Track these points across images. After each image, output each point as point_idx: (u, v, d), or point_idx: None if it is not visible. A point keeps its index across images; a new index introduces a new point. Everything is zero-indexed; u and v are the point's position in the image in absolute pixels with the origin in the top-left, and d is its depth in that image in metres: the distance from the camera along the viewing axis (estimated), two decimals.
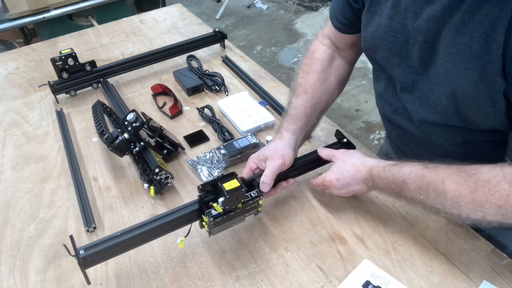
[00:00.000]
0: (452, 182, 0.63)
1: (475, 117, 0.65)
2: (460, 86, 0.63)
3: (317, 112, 0.88)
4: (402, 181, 0.69)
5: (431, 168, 0.66)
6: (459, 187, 0.62)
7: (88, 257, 0.64)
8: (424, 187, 0.66)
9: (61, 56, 1.14)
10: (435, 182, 0.65)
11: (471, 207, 0.61)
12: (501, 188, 0.59)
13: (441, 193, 0.64)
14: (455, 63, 0.62)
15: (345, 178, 0.76)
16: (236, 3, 4.13)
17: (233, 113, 1.09)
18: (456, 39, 0.61)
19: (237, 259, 0.75)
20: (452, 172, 0.64)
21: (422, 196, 0.67)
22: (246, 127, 1.04)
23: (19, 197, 0.92)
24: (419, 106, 0.72)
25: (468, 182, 0.62)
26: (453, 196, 0.63)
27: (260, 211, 0.79)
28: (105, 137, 0.89)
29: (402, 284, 0.69)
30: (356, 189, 0.77)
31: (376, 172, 0.73)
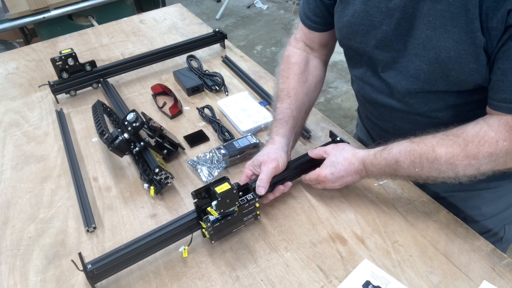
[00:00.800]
0: (442, 147, 0.68)
1: (460, 76, 0.68)
2: (443, 49, 0.67)
3: (302, 113, 0.90)
4: (395, 162, 0.72)
5: (418, 141, 0.71)
6: (450, 149, 0.67)
7: (95, 270, 0.68)
8: (417, 160, 0.70)
9: (61, 56, 1.14)
10: (426, 152, 0.69)
11: (466, 163, 0.66)
12: (489, 136, 0.64)
13: (434, 160, 0.68)
14: (435, 29, 0.67)
15: (339, 171, 0.79)
16: (236, 3, 4.13)
17: (233, 113, 1.09)
18: (434, 7, 0.66)
19: (237, 259, 0.75)
20: (439, 138, 0.69)
21: (417, 169, 0.70)
22: (246, 127, 1.04)
23: (19, 197, 0.92)
24: (402, 79, 0.76)
25: (457, 142, 0.67)
26: (446, 159, 0.67)
27: (259, 215, 0.80)
28: (105, 137, 0.89)
29: (402, 284, 0.69)
30: (349, 180, 0.80)
31: (369, 161, 0.76)
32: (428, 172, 0.70)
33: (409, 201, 0.83)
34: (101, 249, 0.79)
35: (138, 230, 0.82)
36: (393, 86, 0.78)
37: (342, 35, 0.83)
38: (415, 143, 0.71)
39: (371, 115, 0.95)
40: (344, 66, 3.08)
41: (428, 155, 0.69)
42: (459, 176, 0.68)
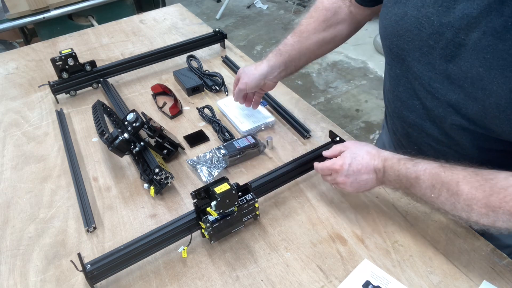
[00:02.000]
0: (467, 185, 0.62)
1: (502, 127, 0.62)
2: (493, 93, 0.60)
3: (303, 59, 0.94)
4: (415, 177, 0.67)
5: (447, 168, 0.65)
6: (473, 191, 0.61)
7: (94, 271, 0.68)
8: (437, 186, 0.65)
9: (61, 56, 1.14)
10: (449, 183, 0.63)
11: (483, 212, 0.60)
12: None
13: (454, 194, 0.63)
14: (491, 69, 0.59)
15: (357, 164, 0.74)
16: (236, 3, 4.13)
17: (233, 113, 1.09)
18: (494, 44, 0.58)
19: (237, 259, 0.75)
20: (468, 174, 0.63)
21: (433, 195, 0.65)
22: (246, 127, 1.04)
23: (19, 197, 0.92)
24: (439, 106, 0.70)
25: (483, 187, 0.61)
26: (466, 199, 0.62)
27: (258, 215, 0.80)
28: (105, 137, 0.89)
29: (402, 284, 0.69)
30: (364, 179, 0.74)
31: (390, 163, 0.71)
32: (443, 203, 0.65)
33: (409, 201, 0.83)
34: (101, 249, 0.79)
35: (138, 230, 0.82)
36: (430, 109, 0.72)
37: (386, 34, 0.76)
38: (444, 168, 0.65)
39: (397, 131, 0.88)
40: (344, 66, 3.08)
41: (450, 187, 0.63)
42: (471, 221, 0.63)
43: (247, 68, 0.99)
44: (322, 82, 2.95)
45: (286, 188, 0.88)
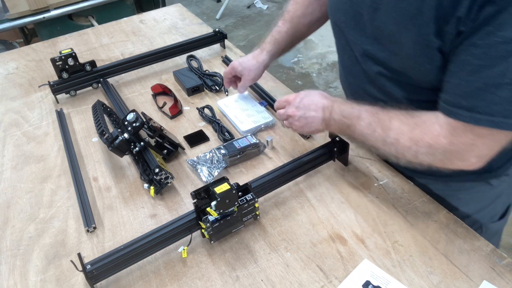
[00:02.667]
0: (397, 121, 0.70)
1: (416, 74, 0.70)
2: (404, 46, 0.68)
3: (296, 41, 1.04)
4: (357, 116, 0.75)
5: (385, 109, 0.73)
6: (401, 125, 0.69)
7: (94, 271, 0.68)
8: (373, 123, 0.72)
9: (61, 56, 1.14)
10: (384, 120, 0.71)
11: (408, 145, 0.68)
12: (434, 128, 0.66)
13: (386, 129, 0.71)
14: (398, 26, 0.68)
15: (309, 100, 0.82)
16: (236, 3, 4.13)
17: (233, 113, 1.09)
18: (398, 4, 0.66)
19: (237, 259, 0.75)
20: (400, 113, 0.71)
21: (369, 132, 0.73)
22: (246, 127, 1.04)
23: (19, 197, 0.92)
24: (373, 65, 0.78)
25: (409, 122, 0.69)
26: (395, 133, 0.69)
27: (258, 215, 0.80)
28: (105, 137, 0.89)
29: (402, 284, 0.69)
30: (311, 116, 0.81)
31: (337, 104, 0.79)
32: (376, 139, 0.72)
33: (409, 201, 0.83)
34: (101, 249, 0.79)
35: (138, 230, 0.82)
36: (366, 70, 0.80)
37: (331, 11, 0.85)
38: (382, 109, 0.73)
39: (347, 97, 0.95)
40: None
41: (384, 123, 0.71)
42: (399, 155, 0.70)
43: (244, 61, 1.03)
44: (322, 82, 2.95)
45: (286, 188, 0.88)
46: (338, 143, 0.89)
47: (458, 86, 0.62)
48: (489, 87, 0.59)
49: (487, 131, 0.61)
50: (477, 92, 0.60)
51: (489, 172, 0.83)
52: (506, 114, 0.59)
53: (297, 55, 3.26)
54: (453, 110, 0.63)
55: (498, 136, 0.62)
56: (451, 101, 0.64)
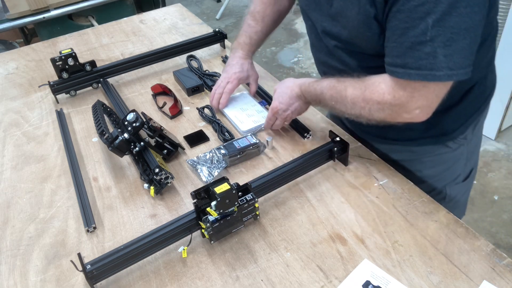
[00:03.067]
0: (351, 88, 0.81)
1: (363, 43, 0.81)
2: (350, 19, 0.79)
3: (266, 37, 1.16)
4: (320, 93, 0.87)
5: (341, 80, 0.83)
6: (355, 91, 0.80)
7: (94, 271, 0.68)
8: (334, 95, 0.84)
9: (61, 56, 1.14)
10: (341, 90, 0.82)
11: (362, 105, 0.79)
12: (380, 88, 0.76)
13: (344, 98, 0.81)
14: (345, 2, 0.78)
15: (285, 99, 0.94)
16: (236, 3, 4.13)
17: (233, 113, 1.09)
18: None
19: (237, 259, 0.75)
20: (353, 81, 0.81)
21: (333, 102, 0.84)
22: (246, 127, 1.04)
23: (19, 197, 0.92)
24: (331, 39, 0.89)
25: (360, 86, 0.79)
26: (351, 99, 0.80)
27: (258, 215, 0.80)
28: (105, 137, 0.89)
29: (402, 284, 0.69)
30: (297, 105, 0.94)
31: (304, 88, 0.91)
32: (340, 107, 0.83)
33: (409, 201, 0.83)
34: (101, 249, 0.79)
35: (138, 230, 0.82)
36: (327, 44, 0.91)
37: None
38: (338, 81, 0.84)
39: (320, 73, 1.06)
40: None
41: (341, 93, 0.82)
42: (359, 116, 0.81)
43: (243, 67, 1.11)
44: None
45: (286, 188, 0.88)
46: (338, 143, 0.89)
47: (394, 49, 0.72)
48: (415, 45, 0.68)
49: (420, 84, 0.71)
50: (407, 51, 0.70)
51: (445, 135, 0.94)
52: (431, 67, 0.68)
53: (297, 55, 3.26)
54: (392, 69, 0.74)
55: (431, 88, 0.72)
56: (390, 62, 0.74)
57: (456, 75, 0.69)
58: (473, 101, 0.92)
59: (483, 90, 0.93)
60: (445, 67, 0.68)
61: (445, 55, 0.67)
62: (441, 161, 0.99)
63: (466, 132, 0.95)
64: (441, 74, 0.69)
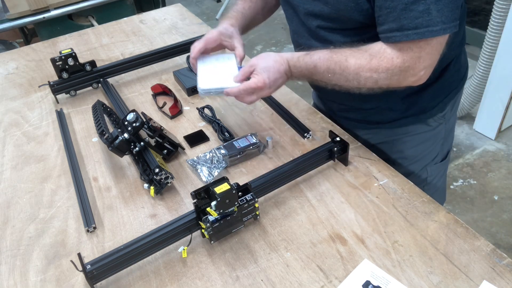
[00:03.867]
0: (353, 58, 0.79)
1: (345, 14, 0.80)
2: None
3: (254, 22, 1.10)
4: (314, 67, 0.84)
5: (336, 51, 0.82)
6: (358, 61, 0.79)
7: (94, 271, 0.68)
8: (331, 67, 0.82)
9: (61, 56, 1.14)
10: (340, 61, 0.80)
11: (368, 75, 0.79)
12: (387, 53, 0.77)
13: (345, 69, 0.80)
14: None
15: (273, 74, 0.85)
16: None
17: (203, 68, 0.97)
18: None
19: (237, 259, 0.75)
20: (352, 51, 0.80)
21: (329, 75, 0.82)
22: (206, 85, 0.91)
23: (19, 197, 0.92)
24: (314, 19, 0.88)
25: (364, 56, 0.79)
26: (354, 69, 0.79)
27: (258, 215, 0.80)
28: (105, 137, 0.89)
29: (402, 284, 0.69)
30: (280, 82, 0.88)
31: (292, 63, 0.86)
32: (338, 79, 0.82)
33: (409, 201, 0.83)
34: (101, 249, 0.79)
35: (138, 230, 0.82)
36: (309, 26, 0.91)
37: None
38: (334, 52, 0.82)
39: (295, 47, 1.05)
40: None
41: (341, 64, 0.80)
42: (361, 86, 0.81)
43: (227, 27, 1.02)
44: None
45: (286, 188, 0.88)
46: (338, 143, 0.89)
47: (388, 15, 0.73)
48: (409, 5, 0.70)
49: (424, 43, 0.73)
50: (401, 13, 0.71)
51: (424, 112, 0.97)
52: (427, 24, 0.71)
53: None
54: (388, 36, 0.75)
55: (433, 44, 0.74)
56: (386, 29, 0.75)
57: (449, 28, 0.72)
58: (450, 79, 0.96)
59: (458, 69, 0.98)
60: (439, 22, 0.71)
61: (438, 10, 0.70)
62: (421, 140, 1.02)
63: (445, 111, 0.99)
64: (438, 29, 0.71)
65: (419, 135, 1.01)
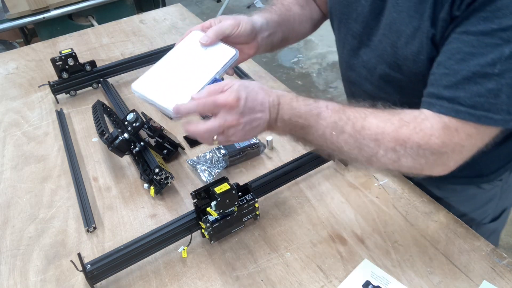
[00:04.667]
0: (374, 118, 0.60)
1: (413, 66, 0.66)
2: (403, 34, 0.64)
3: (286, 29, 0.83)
4: (317, 114, 0.61)
5: (352, 105, 0.63)
6: (381, 123, 0.59)
7: (94, 271, 0.68)
8: (340, 123, 0.60)
9: (61, 56, 1.14)
10: (356, 118, 0.61)
11: (391, 146, 0.59)
12: (425, 126, 0.58)
13: (360, 129, 0.60)
14: (401, 12, 0.64)
15: (253, 99, 0.60)
16: (236, 3, 4.13)
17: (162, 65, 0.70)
18: None
19: (237, 259, 0.75)
20: (374, 110, 0.62)
21: (334, 132, 0.61)
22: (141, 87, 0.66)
23: (19, 197, 0.92)
24: (372, 57, 0.74)
25: (392, 120, 0.60)
26: (374, 133, 0.59)
27: (258, 215, 0.80)
28: (105, 137, 0.89)
29: (402, 284, 0.69)
30: (257, 120, 0.61)
31: (287, 99, 0.63)
32: (344, 141, 0.61)
33: (409, 201, 0.83)
34: (101, 249, 0.79)
35: (138, 230, 0.82)
36: (366, 61, 0.76)
37: (331, 2, 0.81)
38: (349, 105, 0.63)
39: (347, 93, 0.92)
40: None
41: (356, 122, 0.60)
42: (373, 159, 0.61)
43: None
44: (322, 82, 2.95)
45: (286, 188, 0.88)
46: None
47: (444, 76, 0.58)
48: (476, 77, 0.55)
49: (475, 130, 0.57)
50: (462, 82, 0.56)
51: (480, 177, 0.83)
52: (489, 107, 0.55)
53: (297, 55, 3.26)
54: (433, 102, 0.59)
55: (482, 133, 0.58)
56: (433, 93, 0.59)
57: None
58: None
59: None
60: (504, 111, 0.55)
61: (508, 96, 0.54)
62: (470, 202, 0.87)
63: (504, 175, 0.83)
64: (498, 119, 0.55)
65: (468, 197, 0.87)
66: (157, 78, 0.67)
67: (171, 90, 0.64)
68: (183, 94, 0.63)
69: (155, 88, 0.65)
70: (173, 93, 0.64)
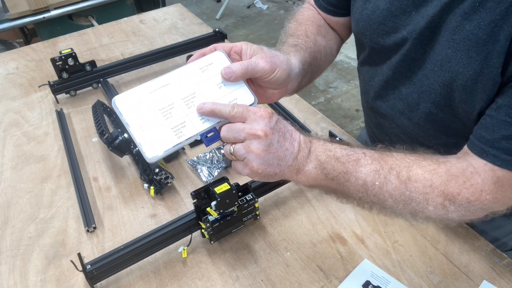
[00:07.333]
0: (420, 168, 0.53)
1: (468, 109, 0.59)
2: (460, 75, 0.58)
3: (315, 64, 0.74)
4: (355, 160, 0.54)
5: (390, 151, 0.56)
6: (428, 175, 0.53)
7: (94, 271, 0.68)
8: (383, 171, 0.53)
9: (61, 56, 1.14)
10: (400, 167, 0.54)
11: (439, 201, 0.52)
12: (475, 181, 0.52)
13: (406, 180, 0.53)
14: (457, 50, 0.57)
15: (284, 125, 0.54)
16: (236, 3, 4.13)
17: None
18: (462, 25, 0.56)
19: (237, 259, 0.75)
20: (417, 158, 0.55)
21: (377, 183, 0.53)
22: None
23: (19, 197, 0.92)
24: (413, 92, 0.67)
25: (438, 171, 0.53)
26: (422, 185, 0.53)
27: (258, 215, 0.80)
28: (105, 137, 0.89)
29: (402, 284, 0.69)
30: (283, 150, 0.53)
31: (321, 142, 0.56)
32: (387, 193, 0.54)
33: None
34: (101, 249, 0.79)
35: (138, 230, 0.82)
36: (405, 95, 0.69)
37: (358, 29, 0.73)
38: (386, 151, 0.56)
39: (371, 122, 0.87)
40: (344, 66, 3.08)
41: (401, 172, 0.53)
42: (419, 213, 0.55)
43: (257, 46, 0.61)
44: (322, 82, 2.95)
45: (286, 188, 0.88)
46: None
47: (504, 125, 0.51)
48: None
49: None
50: None
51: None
52: None
53: None
54: (486, 150, 0.52)
55: None
56: (488, 140, 0.52)
57: None
58: None
59: None
60: None
61: None
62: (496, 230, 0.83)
63: None
64: None
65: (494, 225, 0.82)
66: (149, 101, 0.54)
67: (158, 127, 0.52)
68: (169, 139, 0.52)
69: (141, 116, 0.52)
70: (159, 132, 0.51)
